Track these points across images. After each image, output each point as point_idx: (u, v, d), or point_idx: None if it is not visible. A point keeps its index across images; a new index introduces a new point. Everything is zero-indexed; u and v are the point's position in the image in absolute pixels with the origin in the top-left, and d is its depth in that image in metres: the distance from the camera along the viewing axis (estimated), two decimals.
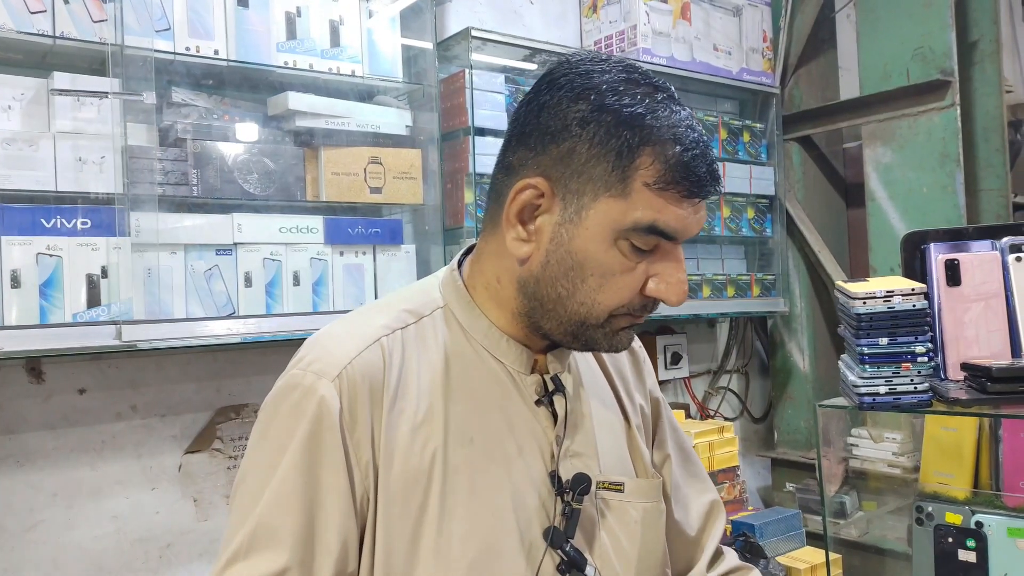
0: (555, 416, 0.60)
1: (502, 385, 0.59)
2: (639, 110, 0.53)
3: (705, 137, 0.56)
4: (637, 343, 0.74)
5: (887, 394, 0.83)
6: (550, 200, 0.55)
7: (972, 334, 0.88)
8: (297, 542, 0.53)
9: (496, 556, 0.55)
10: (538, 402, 0.59)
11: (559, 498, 0.58)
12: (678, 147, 0.53)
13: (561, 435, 0.60)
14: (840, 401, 0.95)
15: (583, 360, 0.67)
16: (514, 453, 0.58)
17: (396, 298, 0.62)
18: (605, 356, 0.69)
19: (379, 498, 0.55)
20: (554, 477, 0.58)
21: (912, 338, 0.81)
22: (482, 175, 1.48)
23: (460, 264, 0.63)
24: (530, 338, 0.60)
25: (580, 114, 0.54)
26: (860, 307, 0.83)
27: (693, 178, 0.53)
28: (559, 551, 0.56)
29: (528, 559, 0.56)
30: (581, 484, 0.57)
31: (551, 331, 0.58)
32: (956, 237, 0.93)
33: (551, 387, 0.60)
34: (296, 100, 1.26)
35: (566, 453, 0.60)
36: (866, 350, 0.83)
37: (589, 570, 0.57)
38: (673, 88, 0.57)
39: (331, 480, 0.54)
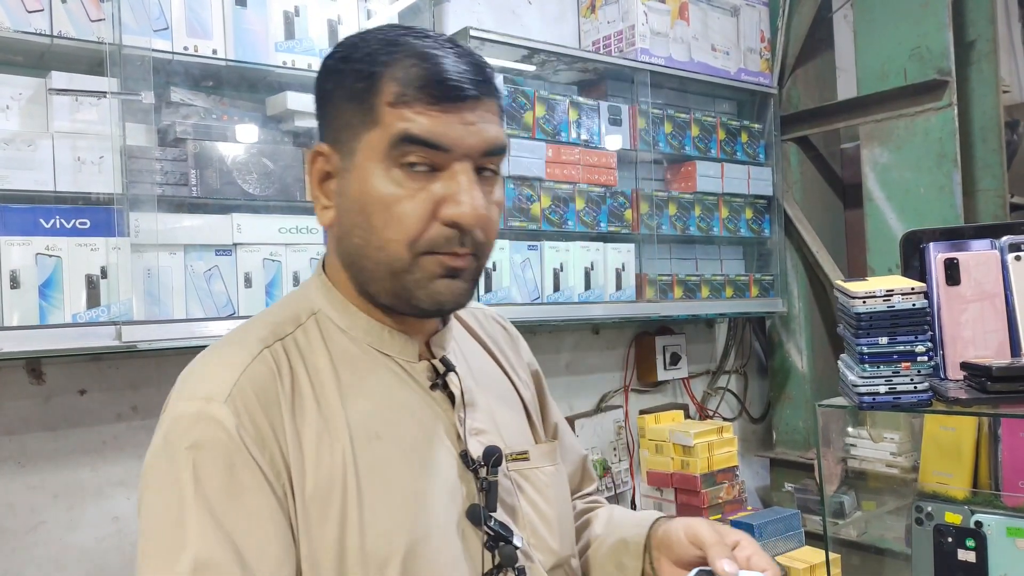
0: (452, 398, 0.59)
1: (395, 376, 0.58)
2: (382, 41, 0.54)
3: (463, 50, 0.55)
4: (507, 322, 0.74)
5: (887, 394, 0.83)
6: (334, 160, 0.56)
7: (971, 333, 0.88)
8: (244, 570, 0.49)
9: (426, 545, 0.54)
10: (433, 386, 0.59)
11: (474, 475, 0.57)
12: (416, 59, 0.53)
13: (462, 415, 0.59)
14: (840, 401, 0.95)
15: (466, 341, 0.67)
16: (422, 440, 0.57)
17: (268, 313, 0.60)
18: (483, 336, 0.69)
19: (297, 511, 0.52)
20: (465, 456, 0.57)
21: (912, 337, 0.81)
22: None
23: (326, 267, 0.61)
24: (405, 323, 0.59)
25: (333, 72, 0.56)
26: (860, 306, 0.84)
27: (438, 80, 0.52)
28: (484, 527, 0.56)
29: (460, 542, 0.56)
30: (493, 456, 0.57)
31: (379, 295, 0.56)
32: (955, 236, 0.94)
33: (442, 369, 0.59)
34: (295, 100, 1.25)
35: (470, 431, 0.59)
36: (866, 349, 0.84)
37: (516, 540, 0.57)
38: (437, 32, 0.57)
39: (258, 502, 0.51)
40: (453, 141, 0.53)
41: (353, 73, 0.54)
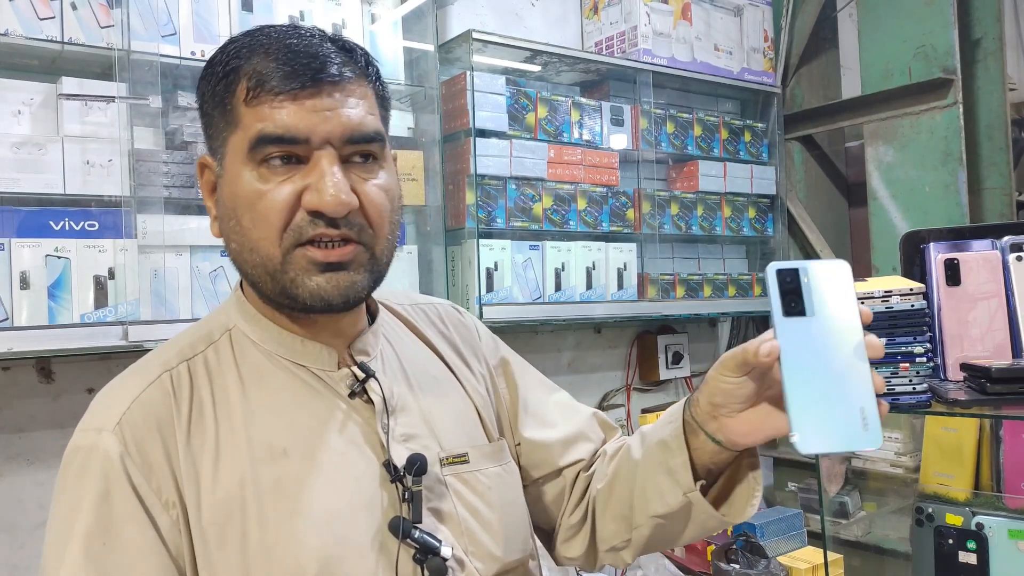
0: (375, 405, 0.57)
1: (309, 388, 0.56)
2: (243, 42, 0.53)
3: (325, 36, 0.54)
4: (467, 314, 0.71)
5: (885, 395, 0.83)
6: (216, 169, 0.55)
7: (972, 334, 0.88)
8: None
9: (340, 564, 0.51)
10: (352, 395, 0.56)
11: (398, 485, 0.54)
12: (263, 54, 0.52)
13: (385, 422, 0.56)
14: None
15: (402, 339, 0.64)
16: (339, 453, 0.54)
17: (184, 332, 0.59)
18: (429, 332, 0.66)
19: (194, 538, 0.51)
20: (388, 465, 0.55)
21: (911, 338, 0.81)
22: (483, 176, 1.49)
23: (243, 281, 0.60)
24: (322, 331, 0.57)
25: (201, 82, 0.55)
26: None
27: (279, 71, 0.51)
28: (409, 540, 0.53)
29: (380, 556, 0.53)
30: (415, 465, 0.55)
31: (271, 296, 0.54)
32: (956, 236, 0.93)
33: (361, 376, 0.57)
34: None
35: (396, 438, 0.57)
36: None
37: (445, 550, 0.54)
38: (305, 26, 0.56)
39: (133, 535, 0.50)
40: (307, 130, 0.51)
41: (214, 77, 0.53)
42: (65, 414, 1.20)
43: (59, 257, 1.05)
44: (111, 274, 1.08)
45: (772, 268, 0.47)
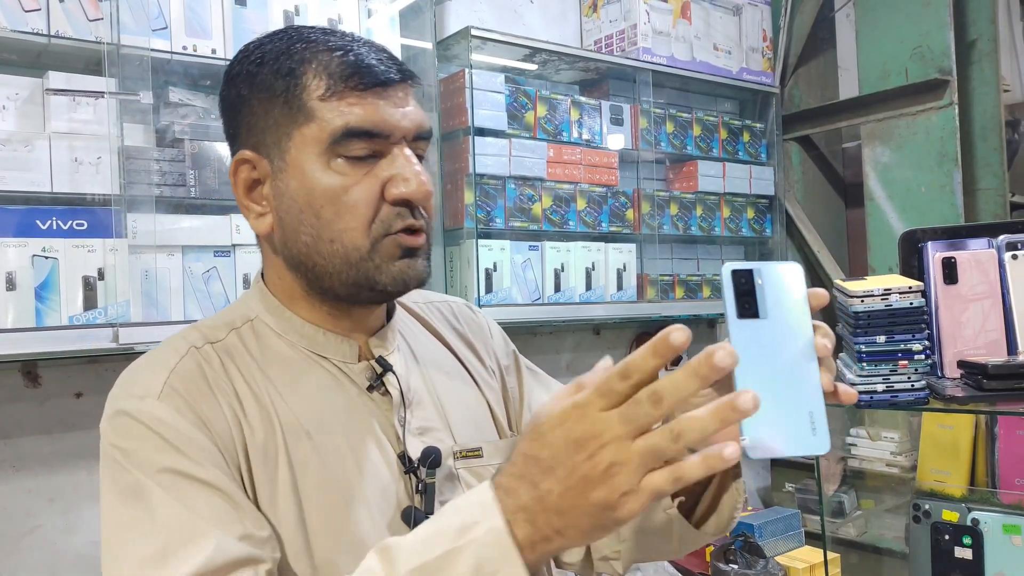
0: (392, 398, 0.58)
1: (330, 378, 0.57)
2: (289, 40, 0.55)
3: (370, 41, 0.56)
4: (480, 312, 0.73)
5: (884, 392, 0.83)
6: (262, 165, 0.55)
7: (969, 332, 0.88)
8: (217, 524, 0.48)
9: (362, 548, 0.51)
10: (370, 388, 0.58)
11: (412, 476, 0.56)
12: (335, 52, 0.54)
13: (402, 415, 0.58)
14: None
15: (417, 336, 0.66)
16: (356, 443, 0.56)
17: (204, 321, 0.60)
18: (443, 329, 0.68)
19: (255, 479, 0.53)
20: (403, 457, 0.56)
21: (909, 336, 0.81)
22: (482, 175, 1.48)
23: (264, 276, 0.61)
24: (347, 323, 0.59)
25: (245, 76, 0.56)
26: (858, 305, 0.83)
27: (362, 68, 0.53)
28: None
29: None
30: (430, 457, 0.56)
31: (335, 289, 0.55)
32: (953, 235, 0.93)
33: (380, 370, 0.58)
34: None
35: (412, 432, 0.58)
36: (863, 348, 0.83)
37: None
38: (341, 29, 0.58)
39: (209, 476, 0.50)
40: (392, 127, 0.54)
41: (271, 74, 0.54)
42: (52, 420, 1.18)
43: (47, 257, 1.03)
44: (100, 275, 1.06)
45: (727, 269, 0.46)
